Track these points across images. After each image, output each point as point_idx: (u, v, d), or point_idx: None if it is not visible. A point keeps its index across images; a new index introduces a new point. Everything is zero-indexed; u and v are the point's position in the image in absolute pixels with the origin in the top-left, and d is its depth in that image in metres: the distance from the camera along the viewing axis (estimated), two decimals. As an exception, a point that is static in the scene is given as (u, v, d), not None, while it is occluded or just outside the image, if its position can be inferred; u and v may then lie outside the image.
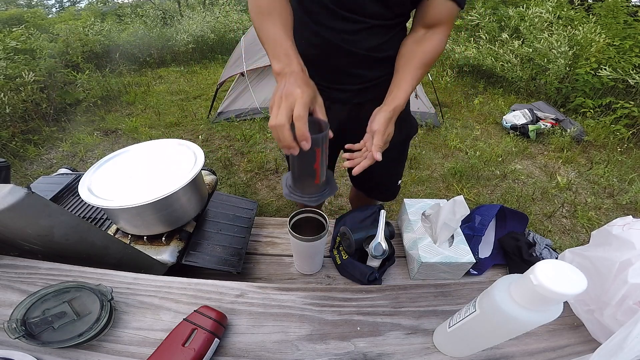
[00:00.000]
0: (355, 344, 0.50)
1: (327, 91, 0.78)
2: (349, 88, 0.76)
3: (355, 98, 0.78)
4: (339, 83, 0.76)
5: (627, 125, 2.70)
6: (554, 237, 1.81)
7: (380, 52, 0.72)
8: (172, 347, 0.45)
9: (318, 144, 0.44)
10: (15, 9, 6.04)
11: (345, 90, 0.77)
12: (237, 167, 2.34)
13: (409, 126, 0.92)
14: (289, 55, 0.52)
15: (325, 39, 0.69)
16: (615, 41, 3.07)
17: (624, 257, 0.48)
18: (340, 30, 0.67)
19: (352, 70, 0.74)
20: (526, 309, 0.33)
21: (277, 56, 0.53)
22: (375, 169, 0.96)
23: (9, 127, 2.55)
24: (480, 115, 3.12)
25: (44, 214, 0.49)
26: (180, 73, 4.28)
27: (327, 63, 0.73)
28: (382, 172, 0.98)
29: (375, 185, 1.05)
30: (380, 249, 0.71)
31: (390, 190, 1.07)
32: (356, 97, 0.78)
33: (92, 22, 4.59)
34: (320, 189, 0.51)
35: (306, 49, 0.74)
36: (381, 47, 0.71)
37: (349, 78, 0.75)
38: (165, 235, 0.73)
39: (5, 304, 0.51)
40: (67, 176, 0.97)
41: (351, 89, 0.77)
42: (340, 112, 0.81)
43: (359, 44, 0.69)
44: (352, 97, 0.78)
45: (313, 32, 0.70)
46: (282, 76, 0.50)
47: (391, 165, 0.98)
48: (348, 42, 0.69)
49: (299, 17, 0.72)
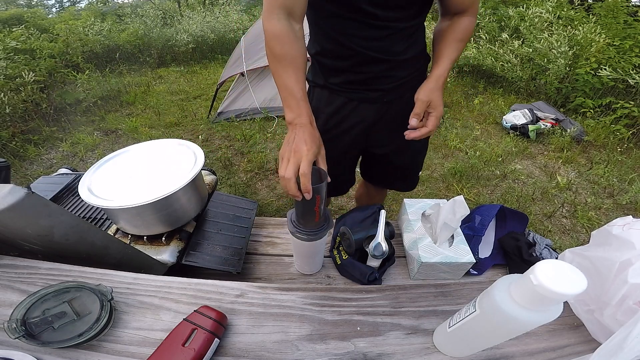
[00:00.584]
0: (355, 344, 0.50)
1: (357, 92, 0.80)
2: (379, 88, 0.78)
3: (386, 97, 0.80)
4: (369, 85, 0.78)
5: (627, 125, 2.69)
6: (554, 237, 1.81)
7: (407, 53, 0.74)
8: (172, 347, 0.45)
9: (318, 192, 0.52)
10: (15, 9, 6.04)
11: (375, 90, 0.78)
12: (237, 167, 2.34)
13: None
14: (300, 106, 0.58)
15: (354, 50, 0.71)
16: (615, 41, 3.07)
17: (624, 257, 0.48)
18: (367, 38, 0.69)
19: (381, 74, 0.75)
20: (526, 309, 0.33)
21: (290, 106, 0.59)
22: (401, 164, 1.00)
23: (9, 127, 2.55)
24: (480, 115, 3.12)
25: (44, 214, 0.49)
26: (180, 73, 4.28)
27: (357, 71, 0.75)
28: (407, 166, 1.02)
29: (402, 176, 1.06)
30: (380, 249, 0.71)
31: (413, 180, 1.09)
32: (386, 95, 0.79)
33: (92, 22, 4.58)
34: (320, 224, 0.61)
35: (335, 61, 0.77)
36: (407, 50, 0.74)
37: (379, 80, 0.77)
38: (165, 235, 0.73)
39: (5, 304, 0.51)
40: (67, 176, 0.97)
41: (382, 88, 0.78)
42: (369, 111, 0.82)
43: (386, 51, 0.71)
44: (382, 96, 0.80)
45: (340, 44, 0.71)
46: (293, 126, 0.57)
47: (416, 157, 1.01)
48: (375, 49, 0.70)
49: (326, 32, 0.73)
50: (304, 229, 0.61)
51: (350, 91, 0.80)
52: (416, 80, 0.81)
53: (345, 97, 0.81)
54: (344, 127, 0.86)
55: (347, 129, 0.86)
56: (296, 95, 0.58)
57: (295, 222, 0.62)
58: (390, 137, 0.89)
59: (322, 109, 0.85)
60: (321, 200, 0.55)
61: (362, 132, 0.87)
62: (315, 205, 0.55)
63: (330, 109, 0.84)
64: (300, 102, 0.58)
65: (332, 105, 0.83)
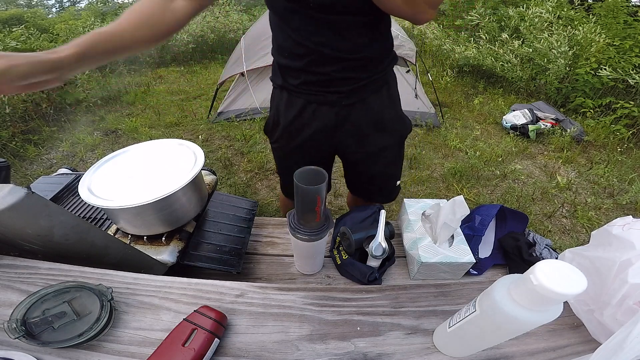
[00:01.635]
0: (355, 344, 0.50)
1: (316, 94, 0.76)
2: (338, 90, 0.75)
3: (345, 100, 0.77)
4: (328, 87, 0.75)
5: (627, 125, 2.70)
6: (554, 237, 1.81)
7: (366, 51, 0.70)
8: (172, 347, 0.45)
9: (319, 192, 0.53)
10: (15, 9, 6.04)
11: (334, 92, 0.76)
12: (237, 167, 2.34)
13: (403, 125, 0.91)
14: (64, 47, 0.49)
15: (306, 47, 0.68)
16: (615, 41, 3.07)
17: (624, 257, 0.48)
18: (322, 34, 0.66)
19: (339, 75, 0.72)
20: (526, 309, 0.33)
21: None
22: (374, 173, 0.97)
23: (9, 127, 2.55)
24: (480, 115, 3.12)
25: (44, 214, 0.49)
26: (180, 73, 4.28)
27: (312, 71, 0.72)
28: (381, 176, 0.99)
29: (376, 189, 1.04)
30: (381, 249, 0.71)
31: (390, 192, 1.06)
32: (345, 98, 0.77)
33: (92, 22, 4.59)
34: (320, 225, 0.61)
35: (292, 61, 0.73)
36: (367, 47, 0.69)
37: (337, 82, 0.74)
38: (165, 235, 0.73)
39: (5, 304, 0.51)
40: (67, 176, 0.97)
41: (340, 90, 0.75)
42: (328, 113, 0.79)
43: (343, 47, 0.68)
44: (341, 99, 0.77)
45: (296, 43, 0.69)
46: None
47: (389, 167, 0.98)
48: (331, 47, 0.67)
49: (282, 31, 0.70)
50: (304, 229, 0.61)
51: (308, 93, 0.76)
52: (378, 84, 0.77)
53: (303, 100, 0.78)
54: (307, 132, 0.83)
55: (311, 134, 0.83)
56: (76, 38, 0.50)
57: (295, 222, 0.62)
58: (358, 144, 0.86)
59: (283, 112, 0.83)
60: (321, 200, 0.55)
61: (326, 137, 0.84)
62: (317, 205, 0.55)
63: (291, 112, 0.81)
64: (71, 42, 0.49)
65: (292, 109, 0.81)
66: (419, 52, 3.45)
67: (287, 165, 0.98)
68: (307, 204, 0.55)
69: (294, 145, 0.88)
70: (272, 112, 0.88)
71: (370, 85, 0.76)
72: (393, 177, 1.02)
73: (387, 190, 1.06)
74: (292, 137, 0.86)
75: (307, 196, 0.54)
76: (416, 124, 2.83)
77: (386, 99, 0.82)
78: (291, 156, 0.93)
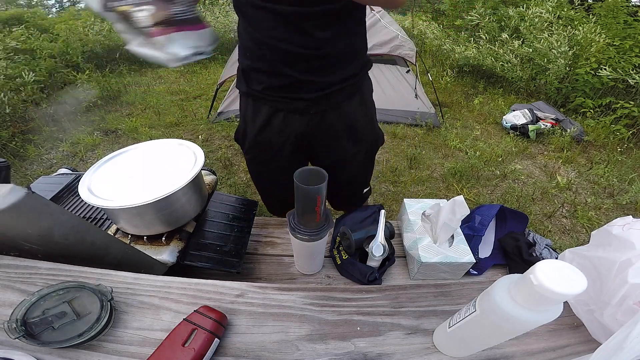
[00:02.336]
0: (355, 344, 0.50)
1: (282, 102, 0.73)
2: (306, 97, 0.72)
3: (314, 107, 0.74)
4: (295, 92, 0.72)
5: (627, 125, 2.70)
6: (554, 237, 1.81)
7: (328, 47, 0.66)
8: (172, 347, 0.45)
9: (319, 192, 0.53)
10: (15, 9, 6.03)
11: (302, 99, 0.73)
12: (237, 167, 2.34)
13: (375, 136, 0.89)
14: None
15: (271, 46, 0.65)
16: (615, 41, 3.07)
17: (624, 257, 0.48)
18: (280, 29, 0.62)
19: (305, 77, 0.69)
20: (526, 309, 0.33)
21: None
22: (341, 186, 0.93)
23: (9, 127, 2.55)
24: (480, 115, 3.12)
25: (44, 214, 0.49)
26: (180, 73, 4.28)
27: (279, 73, 0.69)
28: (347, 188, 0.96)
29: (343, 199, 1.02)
30: (381, 249, 0.71)
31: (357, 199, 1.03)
32: (315, 105, 0.74)
33: (92, 22, 4.58)
34: (320, 225, 0.61)
35: (256, 62, 0.70)
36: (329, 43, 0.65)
37: (304, 85, 0.71)
38: (165, 235, 0.73)
39: (5, 304, 0.51)
40: (67, 176, 0.97)
41: (308, 97, 0.72)
42: (299, 122, 0.77)
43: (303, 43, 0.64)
44: (310, 106, 0.74)
45: (258, 42, 0.67)
46: None
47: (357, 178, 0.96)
48: (293, 42, 0.63)
49: (245, 30, 0.68)
50: (304, 229, 0.61)
51: (273, 100, 0.73)
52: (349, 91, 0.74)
53: (269, 107, 0.75)
54: (279, 141, 0.80)
55: (282, 143, 0.80)
56: None
57: (295, 222, 0.62)
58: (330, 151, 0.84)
59: (250, 120, 0.79)
60: (321, 200, 0.55)
61: (298, 146, 0.81)
62: (317, 205, 0.55)
63: (259, 120, 0.78)
64: None
65: (259, 116, 0.77)
66: (419, 52, 3.45)
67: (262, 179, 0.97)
68: (307, 204, 0.55)
69: (269, 156, 0.85)
70: (240, 120, 0.85)
71: (341, 92, 0.73)
72: (360, 187, 1.00)
73: (354, 198, 1.03)
74: (265, 147, 0.83)
75: (307, 196, 0.54)
76: (416, 124, 2.83)
77: (358, 106, 0.80)
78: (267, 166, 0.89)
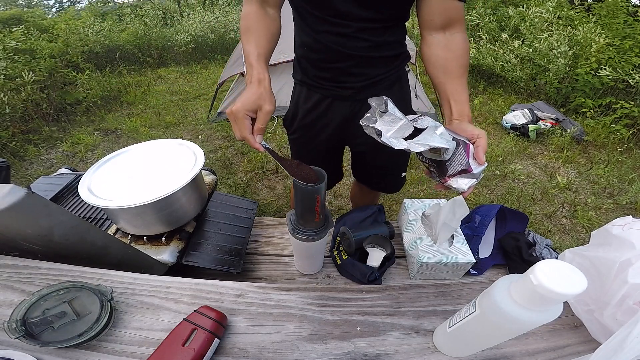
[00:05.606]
0: (355, 344, 0.50)
1: (329, 89, 0.80)
2: (350, 86, 0.78)
3: (358, 95, 0.79)
4: (341, 82, 0.78)
5: (627, 125, 2.69)
6: (554, 237, 1.81)
7: (379, 51, 0.73)
8: (172, 347, 0.45)
9: (318, 192, 0.53)
10: (15, 9, 6.04)
11: (347, 87, 0.78)
12: (237, 167, 2.34)
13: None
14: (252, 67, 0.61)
15: (323, 44, 0.72)
16: (615, 41, 3.07)
17: (624, 257, 0.48)
18: (335, 33, 0.69)
19: (352, 70, 0.75)
20: (526, 309, 0.33)
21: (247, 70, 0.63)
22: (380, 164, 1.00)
23: (9, 127, 2.55)
24: (480, 115, 3.12)
25: (44, 214, 0.49)
26: (180, 73, 4.28)
27: (329, 65, 0.76)
28: (388, 163, 1.01)
29: (382, 176, 1.06)
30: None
31: (396, 181, 1.08)
32: (358, 94, 0.79)
33: (92, 22, 4.57)
34: (320, 225, 0.61)
35: (308, 53, 0.78)
36: (379, 46, 0.72)
37: (351, 77, 0.77)
38: (165, 235, 0.73)
39: (5, 304, 0.51)
40: (67, 176, 0.97)
41: (353, 86, 0.78)
42: (342, 108, 0.83)
43: (356, 47, 0.71)
44: (354, 94, 0.80)
45: (312, 38, 0.73)
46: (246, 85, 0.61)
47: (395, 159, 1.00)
48: (345, 45, 0.70)
49: (299, 25, 0.75)
50: (304, 229, 0.61)
51: (324, 88, 0.81)
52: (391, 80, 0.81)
53: (320, 94, 0.83)
54: (321, 123, 0.88)
55: (323, 125, 0.88)
56: (250, 59, 0.62)
57: (295, 222, 0.62)
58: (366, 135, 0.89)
59: (301, 105, 0.88)
60: (321, 200, 0.55)
61: (338, 128, 0.89)
62: (316, 205, 0.55)
63: (308, 105, 0.86)
64: (252, 64, 0.61)
65: (309, 102, 0.85)
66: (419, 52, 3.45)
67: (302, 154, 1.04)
68: (306, 203, 0.55)
69: (309, 136, 0.93)
70: (291, 105, 0.93)
71: (384, 81, 0.79)
72: (400, 166, 1.04)
73: (392, 180, 1.08)
74: (308, 129, 0.90)
75: (307, 196, 0.54)
76: (416, 124, 2.82)
77: (398, 93, 0.85)
78: (306, 146, 0.98)
